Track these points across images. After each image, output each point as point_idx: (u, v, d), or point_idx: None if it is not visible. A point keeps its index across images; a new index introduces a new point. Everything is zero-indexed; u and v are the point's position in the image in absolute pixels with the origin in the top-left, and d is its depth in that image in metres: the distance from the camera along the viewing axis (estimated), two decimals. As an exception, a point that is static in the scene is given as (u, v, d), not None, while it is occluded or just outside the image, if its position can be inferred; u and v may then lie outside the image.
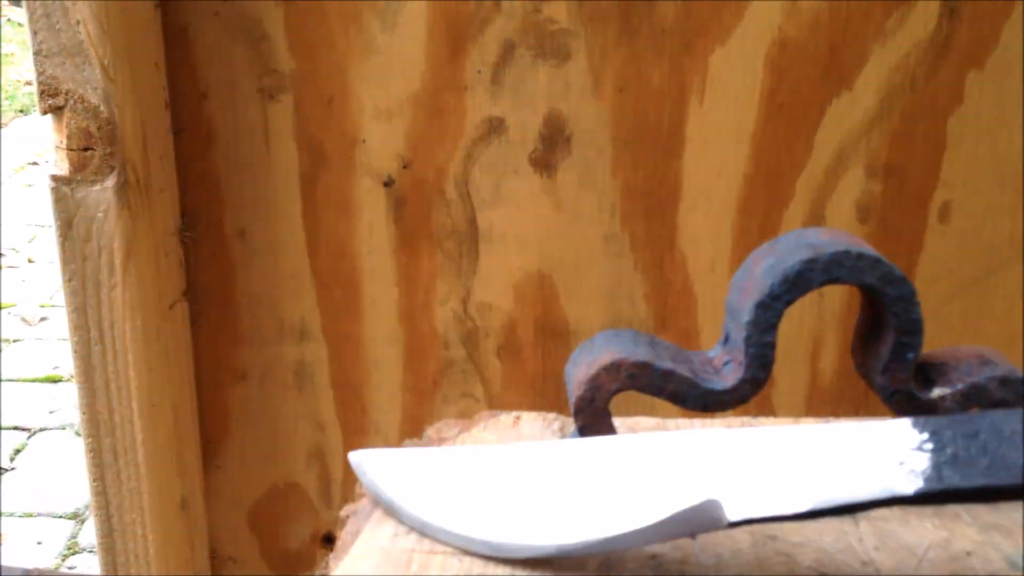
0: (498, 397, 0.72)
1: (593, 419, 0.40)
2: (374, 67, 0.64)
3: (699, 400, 0.40)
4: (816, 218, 0.68)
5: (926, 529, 0.37)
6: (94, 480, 0.62)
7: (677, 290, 0.69)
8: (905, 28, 0.63)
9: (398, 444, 0.68)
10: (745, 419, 0.47)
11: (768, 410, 0.72)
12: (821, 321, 0.70)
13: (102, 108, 0.55)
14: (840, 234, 0.41)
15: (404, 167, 0.66)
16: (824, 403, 0.72)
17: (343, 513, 0.41)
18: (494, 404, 0.73)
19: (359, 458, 0.40)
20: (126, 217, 0.57)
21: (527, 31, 0.64)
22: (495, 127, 0.66)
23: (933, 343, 0.40)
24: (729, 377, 0.40)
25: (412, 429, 0.72)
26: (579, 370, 0.40)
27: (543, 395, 0.72)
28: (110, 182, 0.56)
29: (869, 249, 0.39)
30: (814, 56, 0.64)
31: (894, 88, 0.65)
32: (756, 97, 0.65)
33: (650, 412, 0.50)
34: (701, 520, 0.33)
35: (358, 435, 0.72)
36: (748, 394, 0.40)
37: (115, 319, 0.58)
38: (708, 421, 0.47)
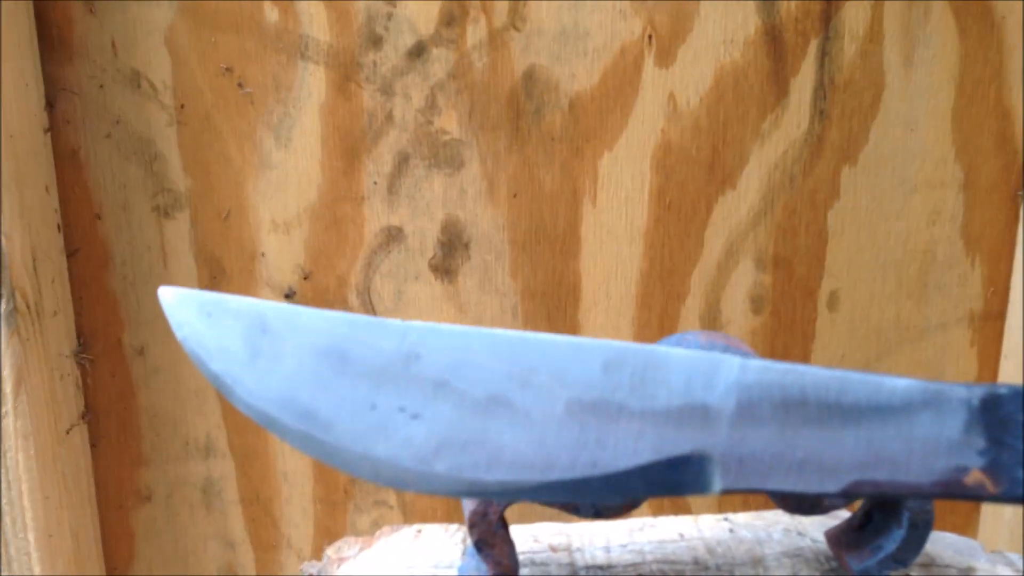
0: (411, 504, 0.72)
1: (488, 532, 0.40)
2: (270, 181, 0.65)
3: (591, 508, 0.40)
4: (712, 311, 0.70)
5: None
6: (-13, 617, 0.59)
7: (581, 387, 0.70)
8: (780, 129, 0.67)
9: (311, 558, 0.67)
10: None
11: (683, 507, 0.72)
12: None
13: (-10, 236, 0.55)
14: (717, 337, 0.43)
15: (305, 278, 0.67)
16: (738, 497, 0.73)
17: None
18: (407, 511, 0.72)
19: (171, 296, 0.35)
20: (16, 344, 0.56)
21: (420, 142, 0.65)
22: (394, 235, 0.67)
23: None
24: (618, 481, 0.40)
25: (326, 541, 0.70)
26: (471, 482, 0.41)
27: (458, 500, 0.72)
28: (-1, 309, 0.55)
29: (746, 350, 0.41)
30: (697, 157, 0.67)
31: (775, 185, 0.68)
32: (646, 197, 0.68)
33: (554, 518, 0.50)
34: (685, 477, 0.31)
35: (270, 551, 0.71)
36: (638, 499, 0.41)
37: (6, 449, 0.57)
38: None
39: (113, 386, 0.66)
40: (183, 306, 0.34)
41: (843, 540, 0.42)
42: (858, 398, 0.30)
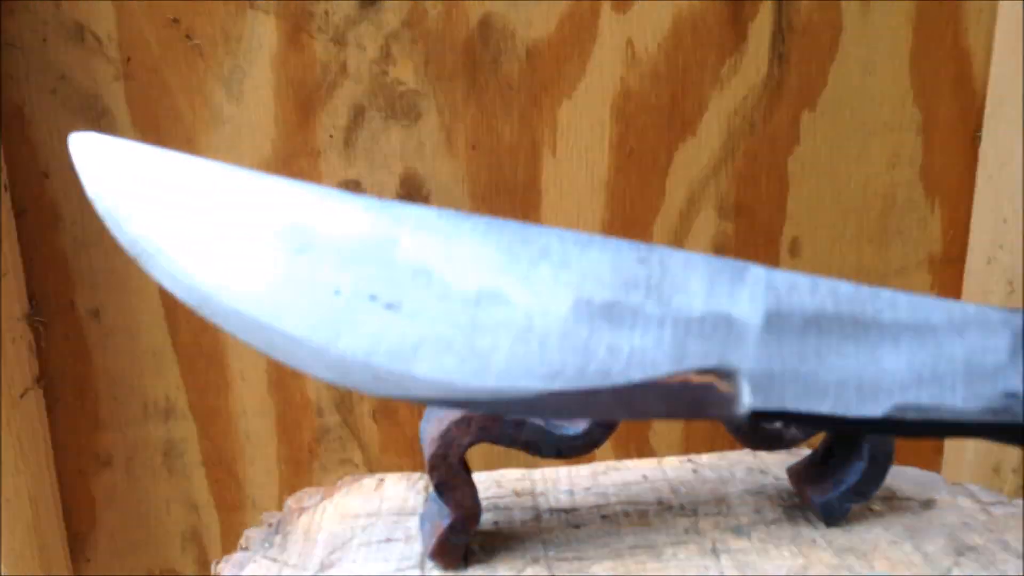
0: (377, 460, 0.71)
1: (449, 474, 0.39)
2: (223, 136, 0.64)
3: (552, 447, 0.40)
4: (674, 259, 0.69)
5: (784, 557, 0.38)
6: (-55, 585, 0.58)
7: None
8: (739, 74, 0.66)
9: (276, 518, 0.66)
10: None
11: (648, 451, 0.72)
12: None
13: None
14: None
15: (262, 235, 0.66)
16: (702, 440, 0.73)
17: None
18: (374, 468, 0.71)
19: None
20: (-37, 305, 0.54)
21: (376, 93, 0.64)
22: (352, 189, 0.66)
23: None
24: (580, 422, 0.40)
25: (291, 501, 0.70)
26: (431, 426, 0.40)
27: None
28: (-55, 270, 0.54)
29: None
30: (657, 105, 0.66)
31: (735, 131, 0.67)
32: (606, 146, 0.67)
33: (515, 463, 0.50)
34: (709, 393, 0.27)
35: (234, 512, 0.70)
36: (600, 437, 0.40)
37: (-43, 413, 0.55)
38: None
39: (68, 349, 0.65)
40: (102, 158, 0.28)
41: (805, 475, 0.42)
42: (896, 315, 0.27)
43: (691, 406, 0.28)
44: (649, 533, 0.40)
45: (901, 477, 0.44)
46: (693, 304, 0.27)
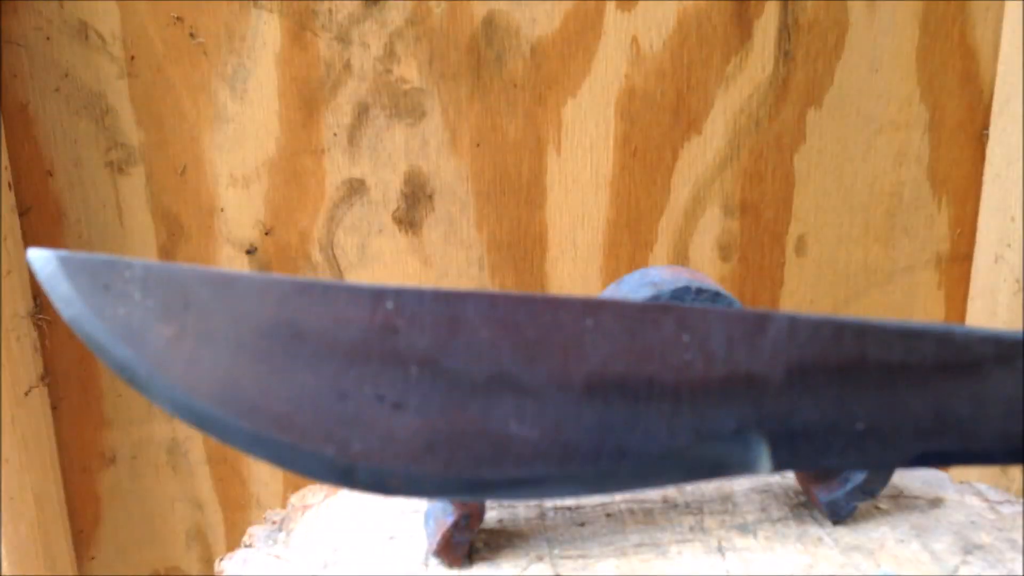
0: (381, 460, 0.71)
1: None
2: (227, 135, 0.64)
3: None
4: (680, 258, 0.69)
5: (790, 555, 0.38)
6: (-51, 584, 0.58)
7: (550, 338, 0.69)
8: (744, 72, 0.66)
9: (281, 517, 0.65)
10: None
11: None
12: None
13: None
14: (682, 271, 0.42)
15: (266, 233, 0.66)
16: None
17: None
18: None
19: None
20: (-33, 303, 0.54)
21: (380, 92, 0.64)
22: (356, 188, 0.66)
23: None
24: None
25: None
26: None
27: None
28: (-52, 268, 0.54)
29: (710, 284, 0.40)
30: (662, 103, 0.66)
31: (740, 129, 0.67)
32: (611, 144, 0.67)
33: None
34: (730, 458, 0.26)
35: (239, 511, 0.70)
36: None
37: (-39, 411, 0.55)
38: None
39: (72, 347, 0.65)
40: (67, 276, 0.26)
41: (811, 473, 0.41)
42: (924, 356, 0.26)
43: (712, 472, 0.27)
44: (654, 531, 0.40)
45: (908, 476, 0.43)
46: (711, 367, 0.27)
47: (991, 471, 0.67)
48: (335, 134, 0.65)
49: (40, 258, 0.27)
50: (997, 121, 0.66)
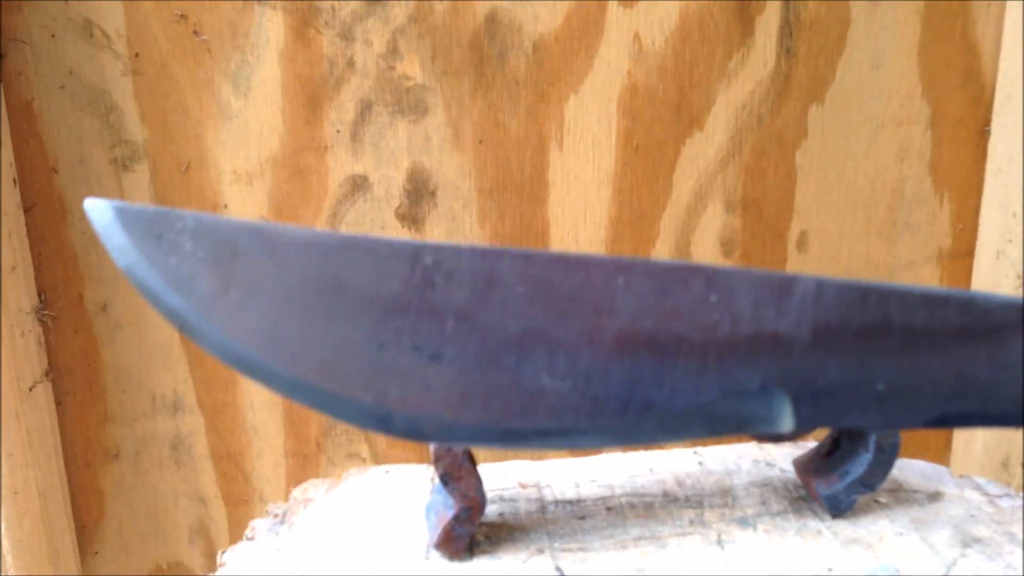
0: (384, 455, 0.72)
1: (453, 465, 0.39)
2: (230, 132, 0.64)
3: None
4: (682, 254, 0.69)
5: (789, 548, 0.38)
6: (-46, 578, 0.59)
7: (552, 334, 0.70)
8: (747, 68, 0.66)
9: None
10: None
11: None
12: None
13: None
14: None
15: (269, 230, 0.66)
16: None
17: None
18: (381, 462, 0.72)
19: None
20: (-28, 299, 0.55)
21: (383, 88, 0.64)
22: (359, 184, 0.66)
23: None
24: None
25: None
26: (436, 419, 0.40)
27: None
28: (-46, 264, 0.54)
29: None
30: (664, 99, 0.66)
31: (742, 125, 0.67)
32: (613, 141, 0.67)
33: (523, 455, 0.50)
34: (753, 414, 0.27)
35: (241, 506, 0.70)
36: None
37: (-34, 406, 0.56)
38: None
39: (76, 343, 0.65)
40: (123, 225, 0.27)
41: (811, 467, 0.41)
42: (947, 321, 0.27)
43: (735, 427, 0.28)
44: (654, 525, 0.40)
45: (908, 470, 0.44)
46: (738, 326, 0.27)
47: (992, 466, 0.67)
48: (338, 131, 0.65)
49: (96, 208, 0.28)
50: (999, 117, 0.66)
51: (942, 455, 0.73)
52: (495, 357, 0.27)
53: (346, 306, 0.27)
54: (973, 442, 0.69)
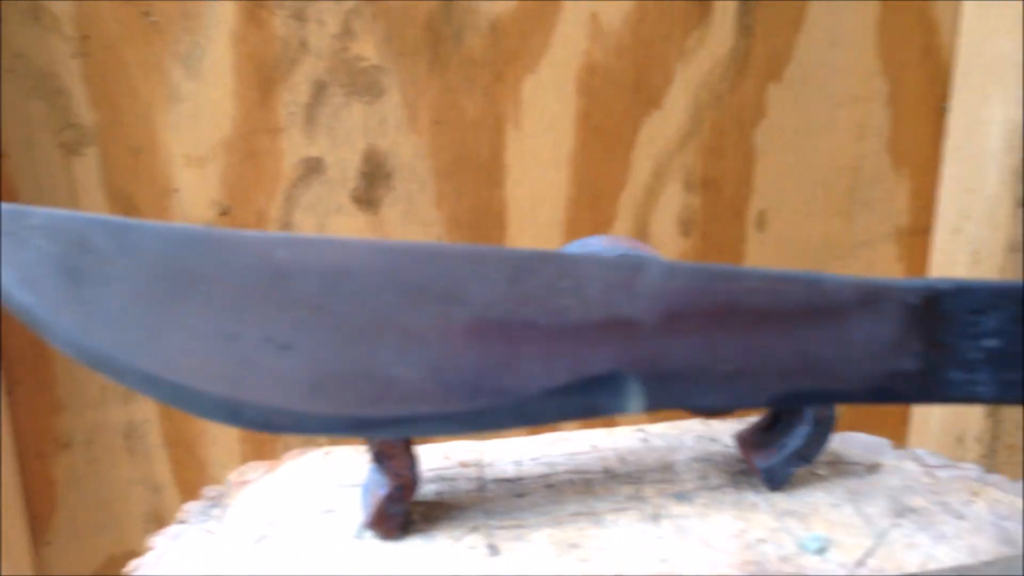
0: (342, 439, 0.71)
1: (385, 444, 0.39)
2: (181, 114, 0.63)
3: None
4: (641, 234, 0.69)
5: (724, 522, 0.38)
6: (-98, 568, 0.58)
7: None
8: (705, 47, 0.66)
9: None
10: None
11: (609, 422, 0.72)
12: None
13: None
14: (622, 240, 0.42)
15: (223, 214, 0.65)
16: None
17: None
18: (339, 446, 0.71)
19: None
20: (-87, 284, 0.54)
21: (337, 69, 0.64)
22: (314, 167, 0.65)
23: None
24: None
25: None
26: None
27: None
28: None
29: (646, 253, 0.40)
30: (622, 78, 0.66)
31: (701, 104, 0.66)
32: (571, 121, 0.66)
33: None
34: (603, 398, 0.28)
35: (197, 493, 0.69)
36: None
37: (-91, 392, 0.55)
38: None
39: (25, 331, 0.64)
40: None
41: (751, 441, 0.41)
42: (792, 302, 0.28)
43: (587, 410, 0.28)
44: (592, 501, 0.39)
45: (850, 442, 0.43)
46: (588, 311, 0.27)
47: (948, 441, 0.67)
48: (292, 112, 0.64)
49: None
50: (957, 94, 0.66)
51: (899, 431, 0.73)
52: (346, 347, 0.27)
53: (197, 299, 0.27)
54: (930, 418, 0.68)
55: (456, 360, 0.27)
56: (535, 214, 0.68)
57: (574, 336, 0.27)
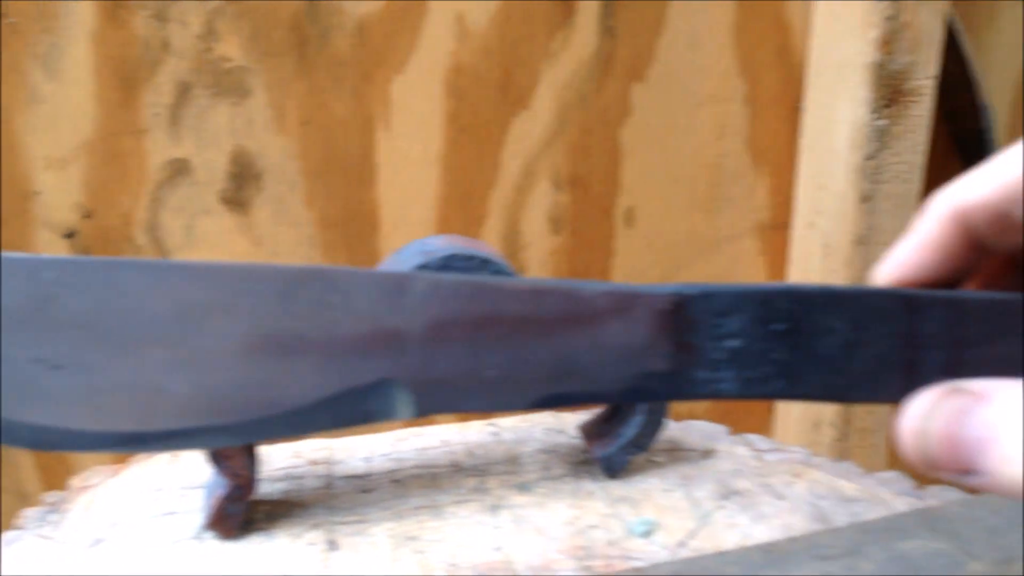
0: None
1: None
2: (41, 116, 0.62)
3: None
4: (512, 232, 0.70)
5: (559, 510, 0.39)
6: None
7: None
8: (569, 48, 0.67)
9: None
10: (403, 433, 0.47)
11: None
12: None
13: None
14: (458, 240, 0.43)
15: (86, 216, 0.64)
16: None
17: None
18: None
19: None
20: None
21: (201, 70, 0.63)
22: (180, 168, 0.65)
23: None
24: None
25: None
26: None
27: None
28: None
29: (482, 251, 0.41)
30: (489, 79, 0.67)
31: (567, 104, 0.68)
32: (440, 121, 0.67)
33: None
34: (372, 406, 0.29)
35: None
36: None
37: None
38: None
39: None
40: None
41: (593, 432, 0.42)
42: (551, 310, 0.29)
43: (358, 418, 0.29)
44: (436, 494, 0.40)
45: (689, 430, 0.45)
46: (356, 324, 0.29)
47: (804, 429, 0.70)
48: (156, 114, 0.63)
49: None
50: (810, 94, 0.69)
51: (766, 420, 0.75)
52: (115, 364, 0.28)
53: None
54: (792, 408, 0.71)
55: (227, 374, 0.28)
56: (406, 213, 0.68)
57: (344, 348, 0.29)
